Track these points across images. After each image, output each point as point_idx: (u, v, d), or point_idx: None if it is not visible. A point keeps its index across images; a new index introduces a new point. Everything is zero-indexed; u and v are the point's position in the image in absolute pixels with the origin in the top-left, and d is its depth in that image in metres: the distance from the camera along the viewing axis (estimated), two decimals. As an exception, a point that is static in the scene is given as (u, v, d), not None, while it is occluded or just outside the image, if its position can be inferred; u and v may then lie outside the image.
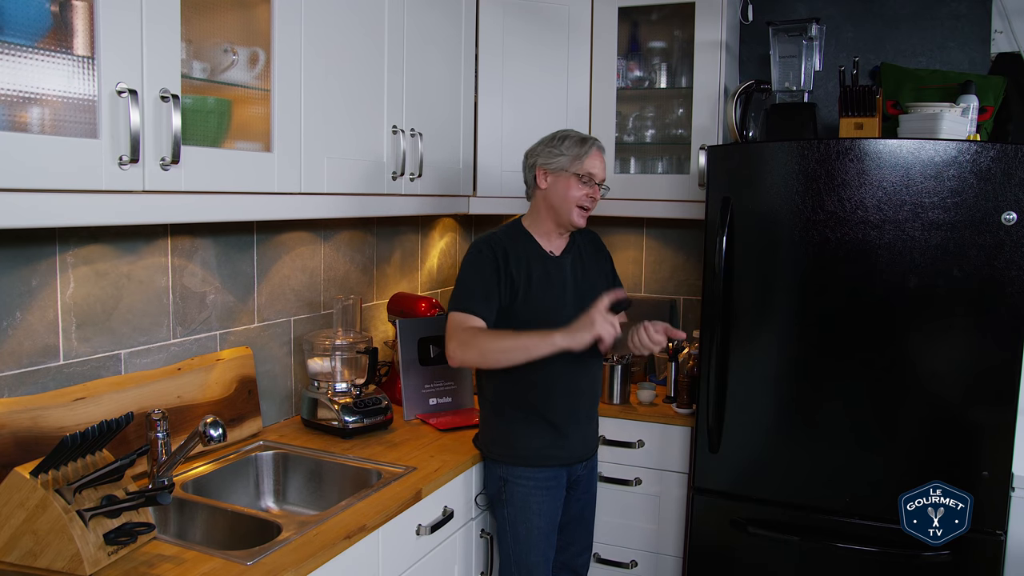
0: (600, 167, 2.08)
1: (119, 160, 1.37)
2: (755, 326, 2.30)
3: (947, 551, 2.09)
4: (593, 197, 2.07)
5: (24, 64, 1.28)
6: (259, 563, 1.46)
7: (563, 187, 2.06)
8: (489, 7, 2.66)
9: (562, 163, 2.05)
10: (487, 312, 1.98)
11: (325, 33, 1.89)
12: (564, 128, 2.14)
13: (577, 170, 2.05)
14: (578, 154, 2.05)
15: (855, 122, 2.37)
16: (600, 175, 2.07)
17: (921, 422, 2.13)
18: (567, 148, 2.06)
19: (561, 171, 2.06)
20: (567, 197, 2.05)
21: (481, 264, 2.02)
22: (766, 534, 2.28)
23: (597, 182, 2.07)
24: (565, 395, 2.06)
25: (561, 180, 2.06)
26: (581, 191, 2.05)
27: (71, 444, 1.38)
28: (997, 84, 2.48)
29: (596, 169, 2.06)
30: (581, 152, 2.05)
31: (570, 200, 2.05)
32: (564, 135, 2.09)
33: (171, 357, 1.99)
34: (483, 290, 1.99)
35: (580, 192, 2.05)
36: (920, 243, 2.08)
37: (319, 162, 1.90)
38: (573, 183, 2.05)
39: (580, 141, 2.08)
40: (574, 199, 2.05)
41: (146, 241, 1.91)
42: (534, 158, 2.10)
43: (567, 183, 2.05)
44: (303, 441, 2.18)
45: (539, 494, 2.06)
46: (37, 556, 1.38)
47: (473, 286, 2.00)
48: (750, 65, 2.90)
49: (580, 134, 2.10)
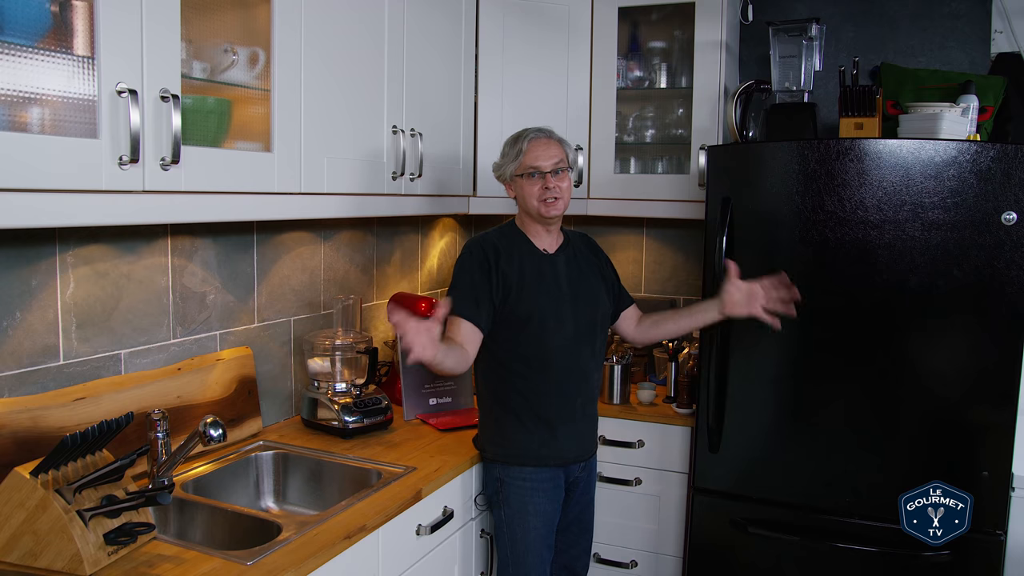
0: (543, 155, 2.02)
1: (119, 160, 1.37)
2: (755, 326, 2.29)
3: (947, 551, 2.09)
4: (547, 187, 2.01)
5: (24, 64, 1.28)
6: (259, 563, 1.46)
7: (520, 190, 2.05)
8: (489, 7, 2.66)
9: (508, 169, 2.06)
10: (476, 315, 1.97)
11: (325, 33, 1.89)
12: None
13: (518, 170, 2.03)
14: (514, 154, 2.04)
15: (855, 122, 2.37)
16: (545, 164, 2.01)
17: (921, 422, 2.13)
18: (507, 152, 2.07)
19: (513, 176, 2.05)
20: (527, 197, 2.04)
21: (471, 266, 2.01)
22: (766, 534, 2.28)
23: (547, 171, 2.02)
24: (558, 394, 2.06)
25: (517, 184, 2.05)
26: (534, 187, 2.02)
27: (71, 444, 1.38)
28: (997, 84, 2.48)
29: (537, 160, 2.02)
30: (516, 151, 2.04)
31: (530, 199, 2.03)
32: (508, 139, 2.09)
33: (171, 357, 1.99)
34: (473, 293, 1.98)
35: (534, 188, 2.02)
36: (920, 243, 2.08)
37: (319, 162, 1.90)
38: (524, 183, 2.03)
39: (514, 140, 2.06)
40: (532, 196, 2.02)
41: (146, 241, 1.91)
42: (495, 172, 2.11)
43: (519, 185, 2.04)
44: (303, 441, 2.18)
45: (535, 495, 2.06)
46: (37, 556, 1.38)
47: (464, 289, 1.99)
48: (750, 65, 2.90)
49: (519, 132, 2.08)
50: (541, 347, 2.03)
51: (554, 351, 2.04)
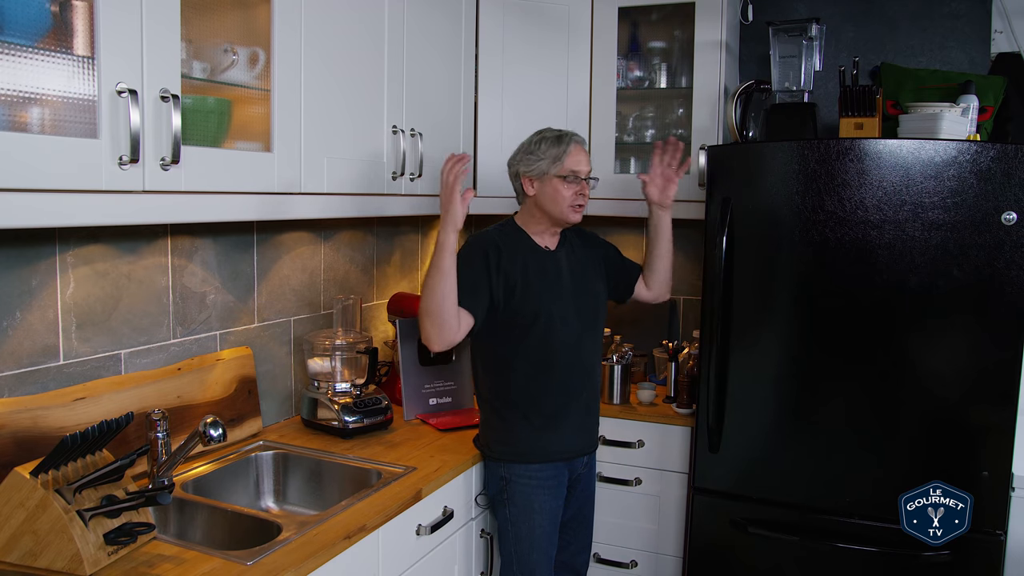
0: (583, 161, 2.06)
1: (119, 160, 1.37)
2: (755, 326, 2.29)
3: (947, 551, 2.09)
4: (583, 194, 2.05)
5: (24, 64, 1.28)
6: (259, 563, 1.46)
7: (551, 190, 2.04)
8: (489, 7, 2.66)
9: (543, 167, 2.04)
10: (473, 304, 1.97)
11: (325, 33, 1.89)
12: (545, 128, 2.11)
13: (559, 171, 2.03)
14: (557, 155, 2.03)
15: (855, 122, 2.37)
16: (584, 170, 2.06)
17: (921, 422, 2.13)
18: (544, 151, 2.04)
19: (544, 175, 2.04)
20: (557, 200, 2.04)
21: (471, 258, 2.02)
22: (766, 534, 2.28)
23: (583, 177, 2.05)
24: (564, 390, 2.07)
25: (547, 184, 2.04)
26: (569, 191, 2.03)
27: (71, 444, 1.38)
28: (997, 84, 2.48)
29: (579, 165, 2.04)
30: (559, 152, 2.03)
31: (560, 202, 2.04)
32: (541, 137, 2.07)
33: (171, 357, 1.99)
34: (470, 284, 1.98)
35: (568, 192, 2.03)
36: (920, 243, 2.08)
37: (319, 162, 1.90)
38: (559, 185, 2.03)
39: (556, 140, 2.05)
40: (564, 200, 2.03)
41: (146, 241, 1.91)
42: (516, 166, 2.09)
43: (553, 186, 2.04)
44: (303, 441, 2.18)
45: (540, 492, 2.06)
46: (37, 556, 1.39)
47: (462, 280, 1.98)
48: (750, 65, 2.90)
49: (557, 132, 2.08)
50: (547, 344, 2.04)
51: (560, 347, 2.05)
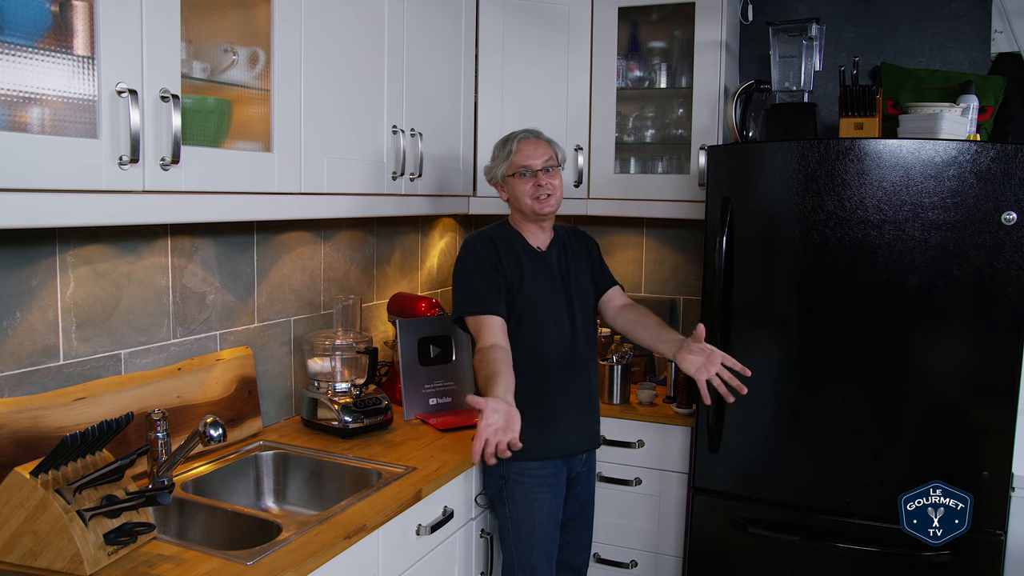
0: (532, 155, 2.08)
1: (119, 160, 1.37)
2: (755, 326, 2.29)
3: (947, 551, 2.09)
4: (539, 185, 2.07)
5: (24, 64, 1.28)
6: (259, 563, 1.46)
7: (511, 190, 2.12)
8: (489, 7, 2.66)
9: (501, 170, 2.12)
10: (499, 307, 2.01)
11: (325, 33, 1.89)
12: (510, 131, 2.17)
13: (511, 171, 2.09)
14: (505, 155, 2.11)
15: (855, 122, 2.37)
16: (535, 163, 2.08)
17: (921, 422, 2.13)
18: (497, 155, 2.14)
19: (505, 177, 2.12)
20: (519, 196, 2.10)
21: (479, 262, 2.05)
22: (766, 534, 2.28)
23: (537, 169, 2.08)
24: (559, 389, 2.09)
25: (509, 184, 2.12)
26: (526, 185, 2.08)
27: (71, 444, 1.38)
28: (997, 84, 2.48)
29: (528, 159, 2.08)
30: (507, 152, 2.11)
31: (522, 197, 2.09)
32: (498, 142, 2.15)
33: (171, 357, 1.99)
34: (492, 286, 2.03)
35: (526, 187, 2.08)
36: (920, 243, 2.08)
37: (319, 162, 1.90)
38: (515, 183, 2.10)
39: (504, 142, 2.14)
40: (524, 194, 2.08)
41: (146, 241, 1.91)
42: (487, 175, 2.18)
43: (512, 185, 2.11)
44: (303, 441, 2.18)
45: (540, 491, 2.07)
46: (37, 556, 1.38)
47: (482, 284, 2.02)
48: (750, 65, 2.90)
49: (507, 135, 2.15)
50: (541, 343, 2.06)
51: (554, 346, 2.07)
